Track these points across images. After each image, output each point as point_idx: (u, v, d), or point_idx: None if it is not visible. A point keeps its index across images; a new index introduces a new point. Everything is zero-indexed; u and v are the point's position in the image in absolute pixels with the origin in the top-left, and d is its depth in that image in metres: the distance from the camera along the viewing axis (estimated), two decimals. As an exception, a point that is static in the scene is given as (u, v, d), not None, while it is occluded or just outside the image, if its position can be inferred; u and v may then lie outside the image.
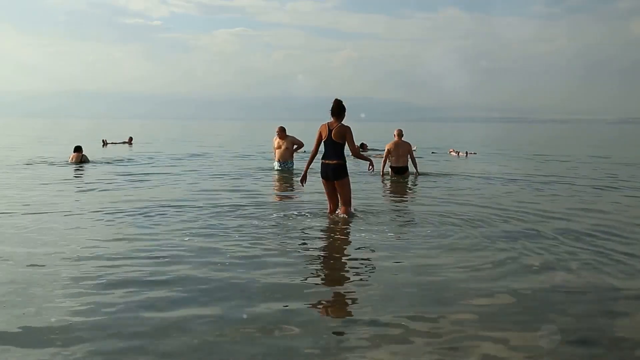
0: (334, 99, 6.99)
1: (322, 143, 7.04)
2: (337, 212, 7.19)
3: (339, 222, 6.96)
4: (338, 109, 6.90)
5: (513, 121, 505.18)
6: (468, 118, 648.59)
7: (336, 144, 6.89)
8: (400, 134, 12.52)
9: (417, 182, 11.70)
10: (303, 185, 7.37)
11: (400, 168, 12.32)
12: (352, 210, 7.21)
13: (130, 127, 64.53)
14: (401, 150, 12.41)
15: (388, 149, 12.44)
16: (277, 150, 13.30)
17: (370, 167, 7.42)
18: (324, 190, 7.25)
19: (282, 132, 13.22)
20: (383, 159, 12.72)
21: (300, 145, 13.40)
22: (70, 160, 15.02)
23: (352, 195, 7.23)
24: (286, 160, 13.26)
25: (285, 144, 13.17)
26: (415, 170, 12.63)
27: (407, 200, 9.64)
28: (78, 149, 15.26)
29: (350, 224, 6.82)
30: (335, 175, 6.93)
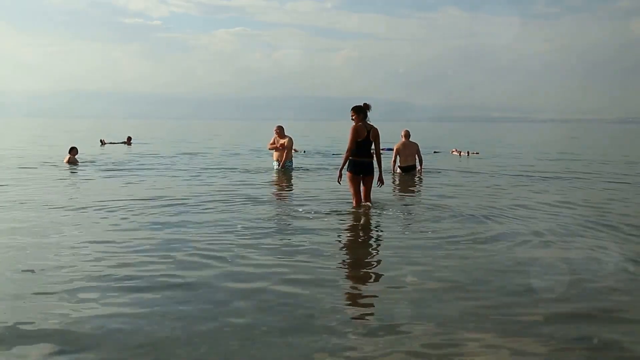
0: (363, 103, 7.66)
1: (357, 143, 7.51)
2: (362, 204, 7.71)
3: (363, 217, 7.28)
4: (366, 112, 7.61)
5: (513, 121, 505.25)
6: (468, 118, 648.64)
7: (370, 143, 7.58)
8: (407, 134, 13.15)
9: (423, 178, 12.25)
10: (340, 183, 7.82)
11: (409, 167, 12.91)
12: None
13: (129, 127, 64.30)
14: (408, 150, 12.99)
15: (397, 149, 13.00)
16: (276, 151, 13.21)
17: (380, 183, 7.88)
18: (353, 186, 7.67)
19: (281, 131, 13.17)
20: (392, 158, 13.10)
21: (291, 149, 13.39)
22: (65, 161, 14.94)
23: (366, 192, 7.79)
24: (285, 160, 13.16)
25: (285, 143, 13.07)
26: (419, 167, 13.10)
27: (426, 196, 9.62)
28: (71, 150, 15.17)
29: (370, 220, 7.19)
30: (370, 171, 7.64)
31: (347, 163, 7.62)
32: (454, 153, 21.34)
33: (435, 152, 22.09)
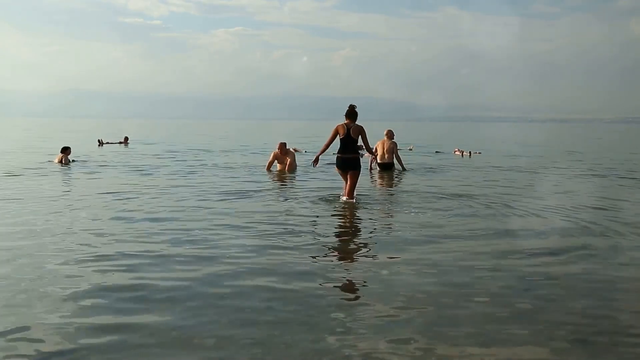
0: (349, 104, 8.39)
1: (340, 140, 8.31)
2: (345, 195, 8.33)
3: (349, 208, 7.79)
4: (353, 113, 8.29)
5: (513, 120, 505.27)
6: (468, 117, 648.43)
7: (353, 140, 8.26)
8: (388, 134, 13.81)
9: (403, 176, 12.62)
10: (315, 167, 8.80)
11: (386, 164, 13.52)
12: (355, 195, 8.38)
13: (128, 127, 64.18)
14: (387, 149, 13.65)
15: (376, 147, 13.64)
16: (280, 166, 13.09)
17: (374, 161, 9.36)
18: (341, 177, 8.52)
19: (283, 147, 13.25)
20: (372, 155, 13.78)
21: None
22: (56, 160, 14.83)
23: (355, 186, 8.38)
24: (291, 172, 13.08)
25: (288, 159, 13.08)
26: (401, 167, 13.69)
27: (412, 188, 9.19)
28: (64, 150, 14.99)
29: (357, 211, 7.55)
30: (353, 166, 8.26)
31: (335, 159, 8.43)
32: (456, 153, 21.23)
33: (436, 152, 22.14)
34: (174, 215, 7.16)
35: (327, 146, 8.36)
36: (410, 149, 23.23)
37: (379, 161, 13.58)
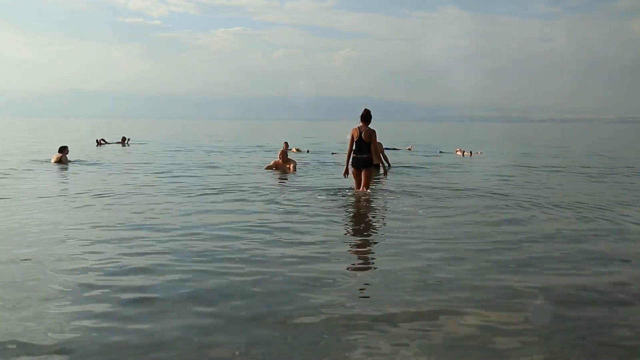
0: (364, 108, 9.10)
1: (354, 142, 9.00)
2: (360, 190, 9.08)
3: (354, 204, 8.30)
4: (368, 116, 8.97)
5: (513, 120, 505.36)
6: (468, 117, 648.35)
7: (365, 143, 8.94)
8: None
9: (406, 175, 13.01)
10: (347, 177, 9.25)
11: (374, 165, 14.01)
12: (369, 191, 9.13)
13: (127, 127, 64.11)
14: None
15: None
16: (280, 172, 13.12)
17: (385, 174, 9.79)
18: (354, 177, 9.16)
19: (285, 155, 13.54)
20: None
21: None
22: (53, 160, 14.78)
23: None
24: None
25: (289, 166, 13.23)
26: (387, 164, 13.79)
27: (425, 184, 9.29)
28: (62, 150, 14.94)
29: (360, 208, 7.95)
30: (365, 165, 9.01)
31: (350, 160, 9.11)
32: (457, 153, 21.25)
33: (440, 152, 22.30)
34: (171, 215, 7.11)
35: (350, 152, 9.07)
36: (409, 149, 23.26)
37: None
